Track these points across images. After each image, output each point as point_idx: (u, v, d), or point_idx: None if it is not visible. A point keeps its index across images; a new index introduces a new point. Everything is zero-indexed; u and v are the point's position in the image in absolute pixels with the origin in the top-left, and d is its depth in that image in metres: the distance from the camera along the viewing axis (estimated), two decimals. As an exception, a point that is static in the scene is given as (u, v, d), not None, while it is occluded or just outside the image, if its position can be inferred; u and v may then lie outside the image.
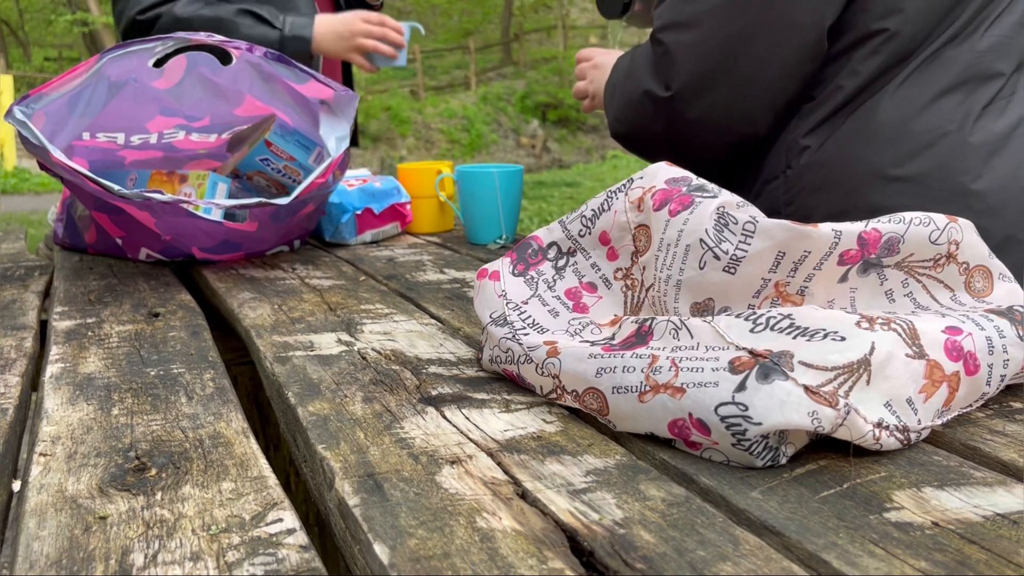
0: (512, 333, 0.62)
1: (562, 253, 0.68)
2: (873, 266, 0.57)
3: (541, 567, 0.38)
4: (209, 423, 0.59)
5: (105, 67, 1.09)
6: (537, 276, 0.67)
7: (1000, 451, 0.51)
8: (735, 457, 0.49)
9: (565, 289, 0.67)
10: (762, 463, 0.48)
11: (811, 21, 0.89)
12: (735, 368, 0.49)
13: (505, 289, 0.66)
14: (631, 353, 0.54)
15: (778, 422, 0.46)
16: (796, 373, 0.48)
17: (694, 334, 0.53)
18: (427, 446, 0.53)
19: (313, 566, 0.40)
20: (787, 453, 0.49)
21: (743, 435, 0.47)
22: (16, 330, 0.86)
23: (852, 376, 0.49)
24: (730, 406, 0.48)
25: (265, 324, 0.84)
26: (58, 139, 1.10)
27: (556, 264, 0.68)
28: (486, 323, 0.65)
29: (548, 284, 0.67)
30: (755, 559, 0.39)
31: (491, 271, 0.68)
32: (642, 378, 0.52)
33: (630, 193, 0.65)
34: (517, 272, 0.67)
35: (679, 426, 0.50)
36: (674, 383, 0.50)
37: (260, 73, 1.18)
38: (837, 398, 0.47)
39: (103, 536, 0.43)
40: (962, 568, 0.38)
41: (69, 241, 1.31)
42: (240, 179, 1.35)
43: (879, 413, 0.49)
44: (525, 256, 0.68)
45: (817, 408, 0.46)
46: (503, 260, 0.69)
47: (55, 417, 0.60)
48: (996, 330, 0.54)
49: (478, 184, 1.26)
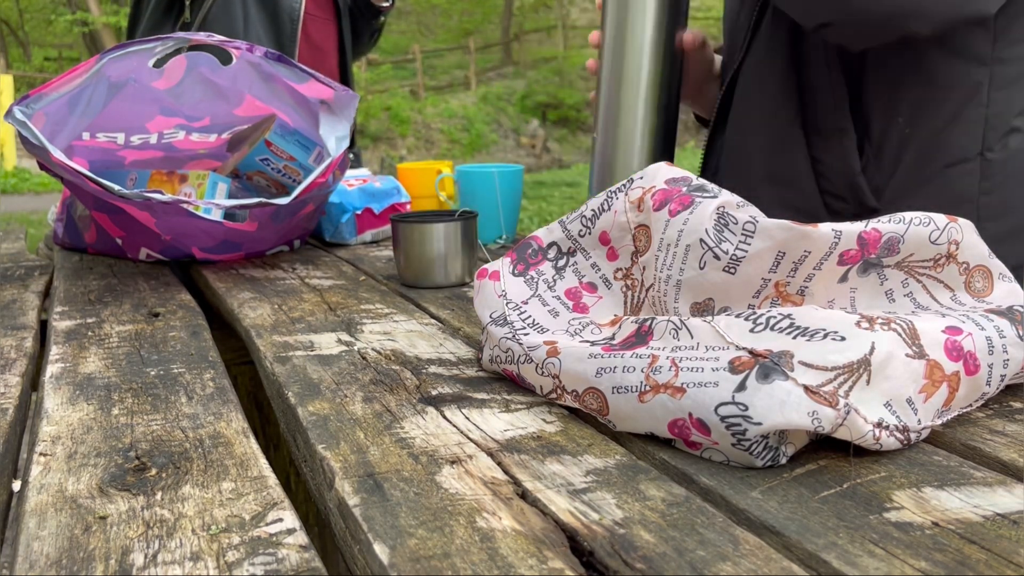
0: (512, 333, 0.62)
1: (562, 253, 0.68)
2: (873, 266, 0.57)
3: (541, 567, 0.38)
4: (209, 423, 0.59)
5: (105, 67, 1.09)
6: (537, 276, 0.67)
7: (1000, 451, 0.51)
8: (735, 457, 0.49)
9: (565, 289, 0.67)
10: (762, 463, 0.48)
11: None
12: (735, 368, 0.49)
13: (505, 289, 0.66)
14: (631, 353, 0.54)
15: (778, 422, 0.46)
16: (796, 373, 0.48)
17: (694, 334, 0.53)
18: (427, 446, 0.53)
19: (313, 566, 0.40)
20: (787, 453, 0.49)
21: (743, 435, 0.47)
22: (16, 330, 0.86)
23: (852, 376, 0.49)
24: (730, 406, 0.48)
25: (265, 324, 0.84)
26: (58, 139, 1.10)
27: (556, 264, 0.68)
28: (486, 323, 0.65)
29: (548, 284, 0.67)
30: (755, 559, 0.39)
31: (491, 271, 0.68)
32: (642, 378, 0.52)
33: (630, 193, 0.65)
34: (517, 272, 0.67)
35: (679, 426, 0.50)
36: (674, 383, 0.50)
37: (260, 73, 1.18)
38: (837, 398, 0.47)
39: (103, 536, 0.43)
40: (962, 568, 0.38)
41: (69, 241, 1.31)
42: (240, 179, 1.35)
43: (879, 413, 0.49)
44: (525, 256, 0.68)
45: (817, 408, 0.46)
46: (503, 260, 0.69)
47: (55, 417, 0.60)
48: (996, 330, 0.54)
49: (478, 184, 1.26)
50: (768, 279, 0.57)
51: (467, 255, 0.99)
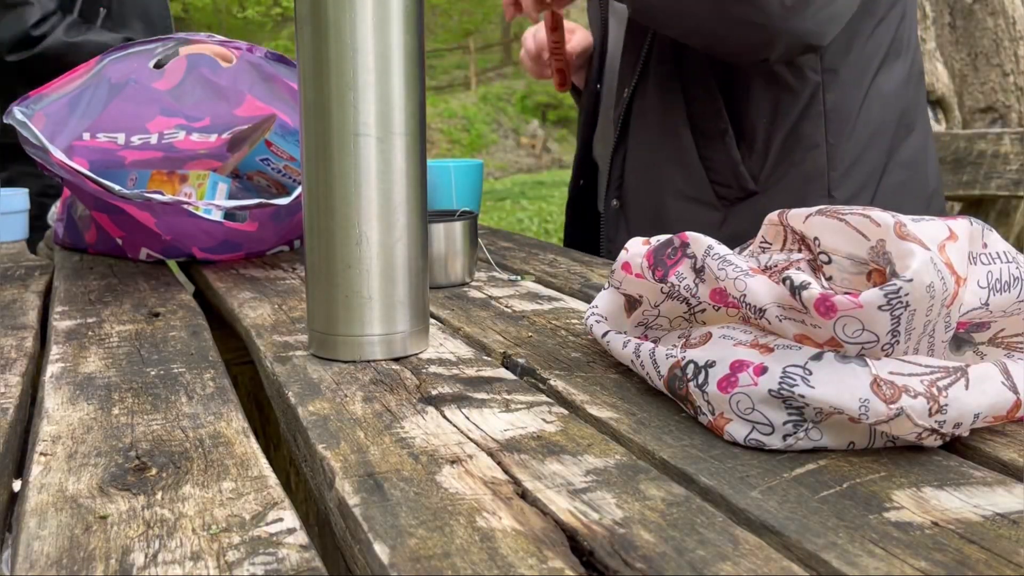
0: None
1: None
2: (965, 343, 0.56)
3: (541, 567, 0.38)
4: (209, 423, 0.59)
5: (106, 69, 1.09)
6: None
7: (1000, 451, 0.51)
8: (761, 408, 0.50)
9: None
10: (780, 432, 0.49)
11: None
12: (823, 346, 0.50)
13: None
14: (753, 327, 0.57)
15: (829, 396, 0.47)
16: (875, 363, 0.48)
17: None
18: (427, 446, 0.53)
19: (313, 566, 0.40)
20: (812, 437, 0.50)
21: (790, 390, 0.48)
22: (16, 330, 0.86)
23: (950, 376, 0.49)
24: (798, 368, 0.49)
25: (265, 324, 0.84)
26: (58, 140, 1.10)
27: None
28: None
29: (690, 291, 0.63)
30: (755, 559, 0.39)
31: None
32: (750, 339, 0.54)
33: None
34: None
35: (739, 364, 0.51)
36: (768, 343, 0.52)
37: (260, 73, 1.18)
38: (900, 395, 0.47)
39: (103, 536, 0.43)
40: (962, 568, 0.38)
41: (69, 241, 1.31)
42: (240, 179, 1.35)
43: (956, 419, 0.49)
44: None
45: (871, 398, 0.47)
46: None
47: (55, 417, 0.60)
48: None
49: (436, 178, 1.28)
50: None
51: (467, 255, 0.99)
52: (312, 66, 0.67)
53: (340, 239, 0.68)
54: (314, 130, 0.68)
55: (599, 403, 0.60)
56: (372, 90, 0.66)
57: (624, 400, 0.60)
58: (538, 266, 1.13)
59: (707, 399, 0.53)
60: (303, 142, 0.69)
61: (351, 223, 0.68)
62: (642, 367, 0.61)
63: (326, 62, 0.66)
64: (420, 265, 0.71)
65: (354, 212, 0.68)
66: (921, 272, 0.47)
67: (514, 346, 0.74)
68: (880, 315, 0.48)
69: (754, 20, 1.06)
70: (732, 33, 1.08)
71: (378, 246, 0.68)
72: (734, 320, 0.60)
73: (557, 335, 0.78)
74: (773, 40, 1.07)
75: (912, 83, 1.26)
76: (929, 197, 1.28)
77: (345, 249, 0.68)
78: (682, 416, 0.57)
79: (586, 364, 0.69)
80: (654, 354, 0.60)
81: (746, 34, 1.07)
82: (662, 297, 0.64)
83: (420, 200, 0.70)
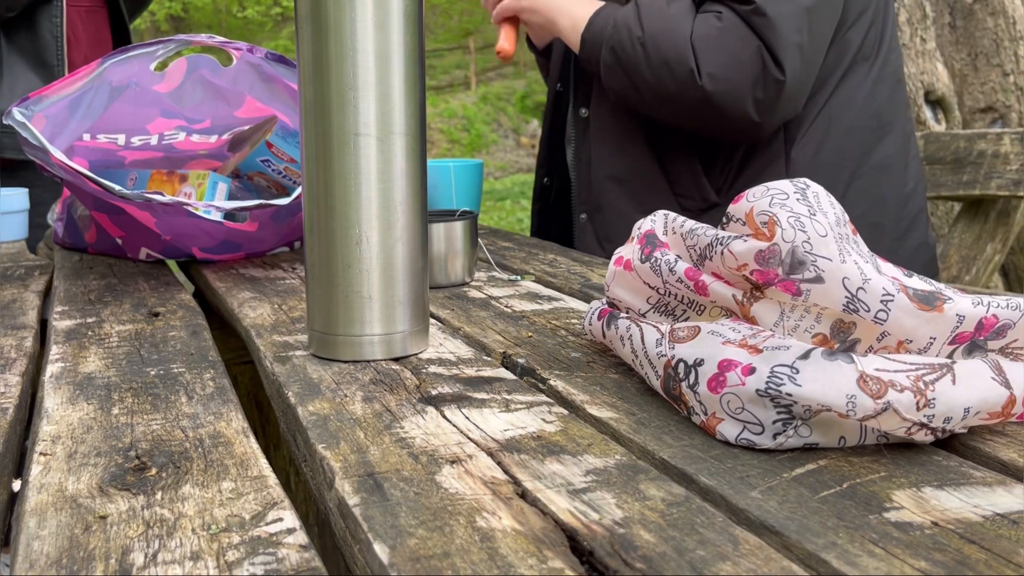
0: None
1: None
2: (978, 348, 0.56)
3: (541, 567, 0.38)
4: (209, 423, 0.59)
5: (107, 71, 1.09)
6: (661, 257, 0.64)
7: (1000, 451, 0.51)
8: (750, 407, 0.50)
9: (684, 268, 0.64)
10: (770, 431, 0.49)
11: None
12: (811, 342, 0.51)
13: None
14: (738, 323, 0.57)
15: (816, 394, 0.47)
16: (861, 360, 0.49)
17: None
18: (427, 446, 0.53)
19: (313, 565, 0.40)
20: (801, 435, 0.50)
21: (777, 389, 0.49)
22: (16, 330, 0.86)
23: (936, 372, 0.49)
24: (786, 367, 0.49)
25: (265, 324, 0.84)
26: (58, 141, 1.10)
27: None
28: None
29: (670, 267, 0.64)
30: (755, 559, 0.39)
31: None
32: (739, 338, 0.54)
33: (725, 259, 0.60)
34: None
35: (727, 363, 0.52)
36: (758, 345, 0.52)
37: (261, 74, 1.18)
38: (887, 390, 0.47)
39: (103, 535, 0.43)
40: (962, 568, 0.38)
41: (69, 241, 1.31)
42: (241, 179, 1.35)
43: (946, 414, 0.49)
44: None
45: (857, 394, 0.47)
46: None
47: (55, 416, 0.60)
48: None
49: (436, 178, 1.28)
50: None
51: (467, 255, 0.99)
52: (312, 66, 0.67)
53: (340, 239, 0.68)
54: (314, 130, 0.68)
55: (599, 403, 0.60)
56: (372, 90, 0.66)
57: (624, 400, 0.60)
58: (538, 266, 1.14)
59: (699, 399, 0.53)
60: (303, 142, 0.69)
61: (351, 223, 0.68)
62: (641, 367, 0.61)
63: (326, 62, 0.66)
64: (420, 265, 0.71)
65: (354, 212, 0.68)
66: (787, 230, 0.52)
67: (514, 346, 0.74)
68: (784, 244, 0.52)
69: (730, 131, 1.20)
70: (714, 134, 1.25)
71: (378, 246, 0.68)
72: (719, 318, 0.60)
73: (557, 335, 0.78)
74: (753, 137, 1.21)
75: (886, 85, 1.27)
76: (906, 198, 1.29)
77: (345, 249, 0.68)
78: (682, 416, 0.57)
79: (586, 364, 0.69)
80: (644, 343, 0.61)
81: (725, 136, 1.24)
82: (648, 307, 0.66)
83: (420, 200, 0.70)
